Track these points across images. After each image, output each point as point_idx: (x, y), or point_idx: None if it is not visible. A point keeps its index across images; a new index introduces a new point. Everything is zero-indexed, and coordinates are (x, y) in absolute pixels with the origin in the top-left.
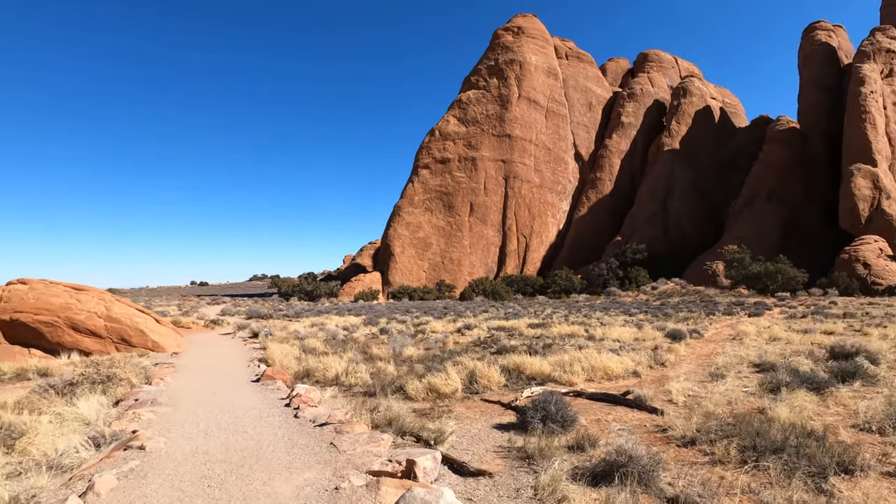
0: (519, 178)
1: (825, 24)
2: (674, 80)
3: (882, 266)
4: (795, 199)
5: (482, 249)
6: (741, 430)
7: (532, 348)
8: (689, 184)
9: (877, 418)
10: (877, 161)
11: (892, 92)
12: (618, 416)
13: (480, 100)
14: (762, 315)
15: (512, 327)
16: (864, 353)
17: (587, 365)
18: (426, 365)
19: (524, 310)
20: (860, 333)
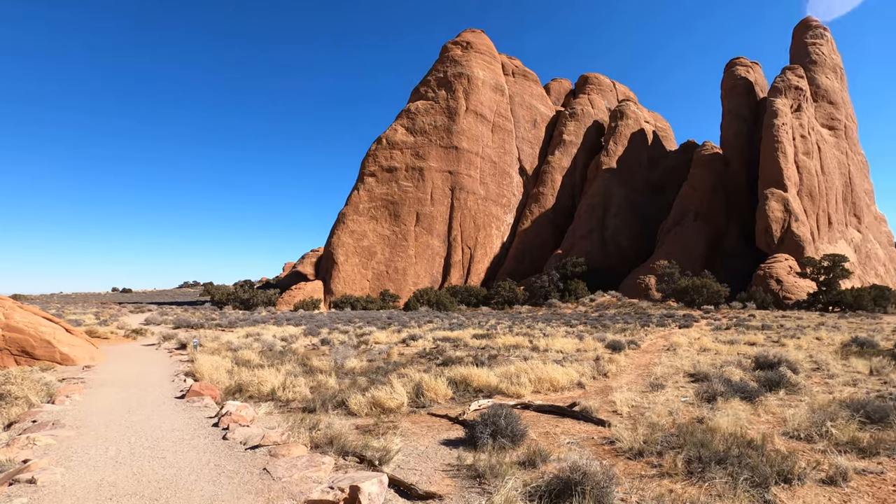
0: (465, 190)
1: (744, 61)
2: (612, 102)
3: (791, 282)
4: (718, 220)
5: (427, 259)
6: (686, 441)
7: (478, 359)
8: (624, 201)
9: (804, 426)
10: (787, 187)
11: (799, 125)
12: (566, 429)
13: (429, 111)
14: (691, 327)
15: (457, 338)
16: (785, 362)
17: (534, 376)
18: (370, 378)
19: (469, 320)
20: (778, 344)
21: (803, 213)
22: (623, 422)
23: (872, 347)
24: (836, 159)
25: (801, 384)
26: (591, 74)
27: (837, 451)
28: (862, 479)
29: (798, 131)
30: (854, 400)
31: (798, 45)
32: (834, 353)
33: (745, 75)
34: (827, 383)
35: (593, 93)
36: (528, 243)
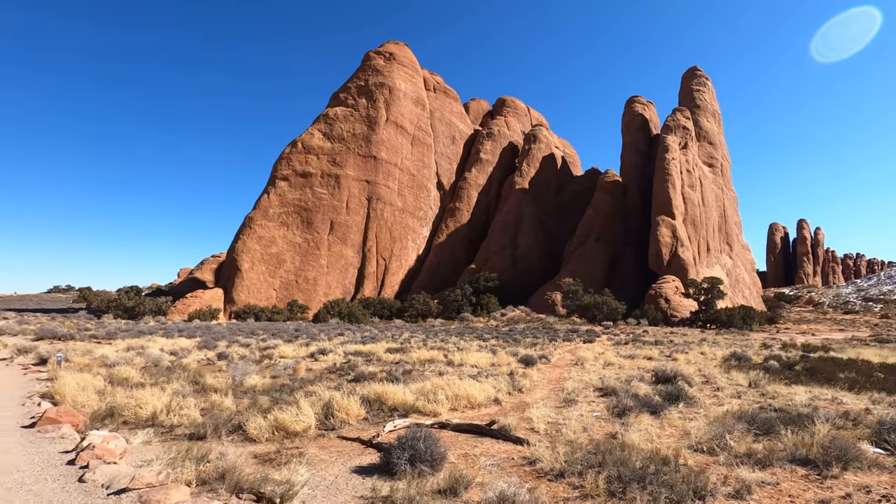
0: (382, 201)
1: (641, 99)
2: (526, 126)
3: (678, 301)
4: (617, 242)
5: (340, 270)
6: (605, 460)
7: (392, 375)
8: (535, 221)
9: (705, 439)
10: (676, 215)
11: (686, 161)
12: (485, 449)
13: (348, 118)
14: (594, 341)
15: (370, 352)
16: (680, 376)
17: (450, 393)
18: (273, 397)
19: (382, 333)
20: (671, 359)
21: (688, 239)
22: (541, 440)
23: (747, 361)
24: (714, 193)
25: (697, 397)
26: (508, 98)
27: (738, 463)
28: (762, 490)
29: (685, 166)
30: (744, 412)
31: (685, 90)
32: (717, 366)
33: (641, 112)
34: (717, 396)
35: (509, 115)
36: (443, 257)
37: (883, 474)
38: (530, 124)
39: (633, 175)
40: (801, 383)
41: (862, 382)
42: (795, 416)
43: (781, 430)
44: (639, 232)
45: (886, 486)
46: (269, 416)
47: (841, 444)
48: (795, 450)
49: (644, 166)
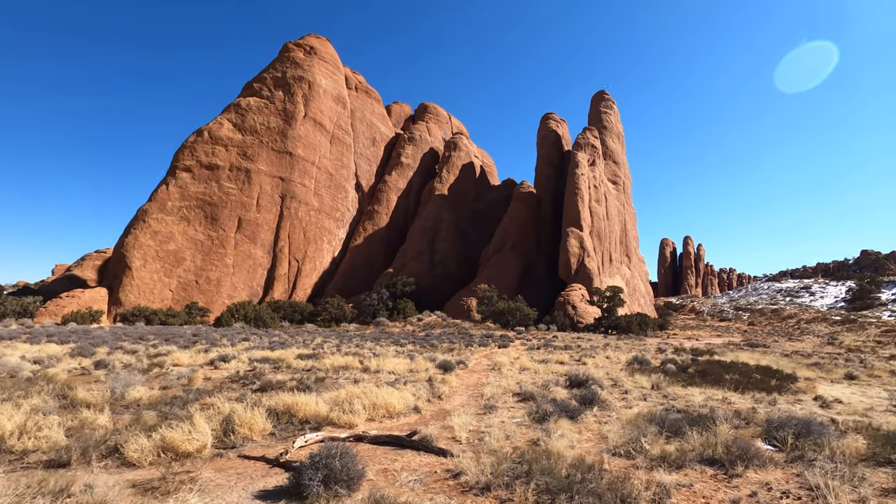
0: (297, 199)
1: (555, 116)
2: (447, 133)
3: (583, 308)
4: (530, 250)
5: (248, 270)
6: (531, 469)
7: (304, 384)
8: (453, 227)
9: (621, 443)
10: (584, 227)
11: (594, 176)
12: (406, 463)
13: (263, 110)
14: (508, 346)
15: (279, 358)
16: (592, 380)
17: (368, 402)
18: (161, 411)
19: (292, 339)
20: (580, 363)
21: (593, 250)
22: (465, 450)
23: (647, 365)
24: (617, 208)
25: (608, 400)
26: (431, 104)
27: (654, 466)
28: (679, 493)
29: (592, 182)
30: (652, 414)
31: (594, 111)
32: (622, 370)
33: (555, 129)
34: (625, 398)
35: (431, 121)
36: (360, 260)
37: (777, 470)
38: (451, 132)
39: (547, 187)
40: (695, 385)
41: (744, 383)
42: (696, 416)
43: (687, 431)
44: (550, 241)
45: (783, 482)
46: (155, 435)
47: (742, 444)
48: (703, 450)
49: (556, 179)
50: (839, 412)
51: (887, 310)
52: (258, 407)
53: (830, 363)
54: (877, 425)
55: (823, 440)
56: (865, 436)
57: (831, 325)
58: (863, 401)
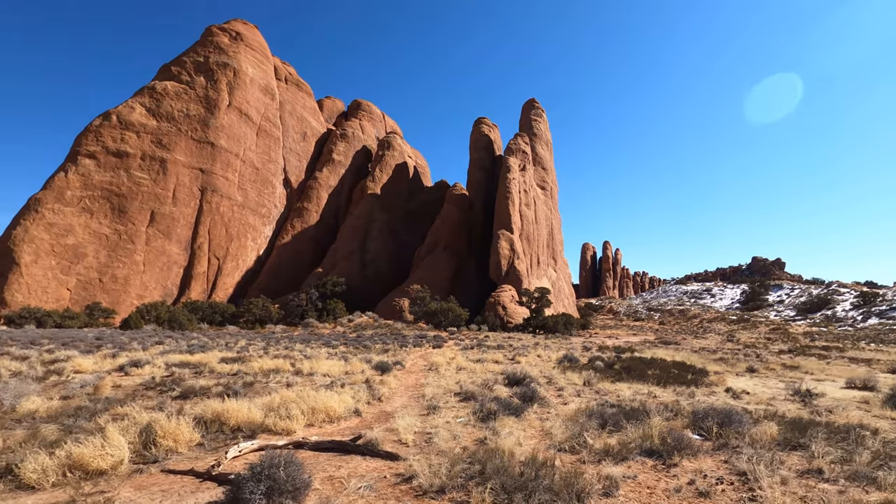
0: (219, 193)
1: (487, 121)
2: (381, 132)
3: (513, 309)
4: (462, 251)
5: (161, 268)
6: (485, 469)
7: (231, 389)
8: (385, 227)
9: (565, 438)
10: (514, 229)
11: (524, 181)
12: (353, 469)
13: (182, 95)
14: (443, 346)
15: (200, 363)
16: (529, 378)
17: (306, 406)
18: (64, 424)
19: (213, 341)
20: (514, 362)
21: (523, 252)
22: (413, 453)
23: (576, 362)
24: (545, 213)
25: (546, 397)
26: (364, 101)
27: (599, 460)
28: (626, 485)
29: (523, 186)
30: (590, 410)
31: (525, 118)
32: (554, 368)
33: (487, 133)
34: (561, 395)
35: (364, 119)
36: (287, 259)
37: (708, 458)
38: (385, 131)
39: (478, 190)
40: (622, 381)
41: (665, 378)
42: (629, 410)
43: (625, 425)
44: (481, 243)
45: (716, 469)
46: (60, 452)
47: (676, 435)
48: (642, 443)
49: (487, 183)
50: (748, 402)
51: (773, 310)
52: (182, 415)
53: (733, 358)
54: (781, 413)
55: (743, 428)
56: (776, 423)
57: (729, 324)
58: (765, 391)
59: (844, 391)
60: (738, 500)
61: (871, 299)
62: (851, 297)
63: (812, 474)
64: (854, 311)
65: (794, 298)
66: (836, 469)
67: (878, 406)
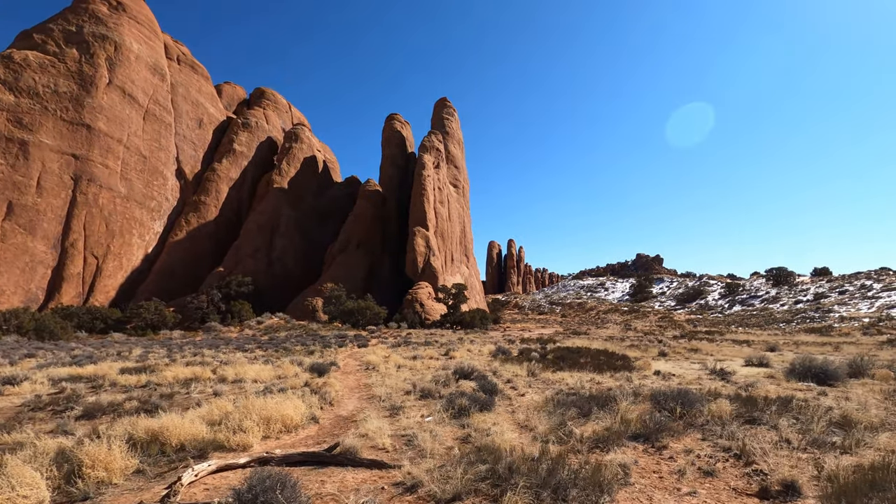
0: (97, 183)
1: (400, 118)
2: (287, 123)
3: (430, 305)
4: (376, 249)
5: (22, 269)
6: (496, 470)
7: (148, 403)
8: (294, 223)
9: (547, 429)
10: (429, 226)
11: (438, 179)
12: (341, 483)
13: (48, 69)
14: (368, 346)
15: (94, 375)
16: (476, 371)
17: (256, 417)
18: None
19: (100, 351)
20: (449, 357)
21: (438, 249)
22: (398, 458)
23: (509, 355)
24: (458, 211)
25: (503, 389)
26: (269, 90)
27: (594, 449)
28: (634, 471)
29: (437, 183)
30: (556, 399)
31: (437, 117)
32: (491, 361)
33: (399, 130)
34: (513, 387)
35: (269, 108)
36: (182, 258)
37: (686, 438)
38: (291, 123)
39: (391, 187)
40: (562, 370)
41: (597, 365)
42: (590, 397)
43: (596, 412)
44: (395, 241)
45: (702, 448)
46: None
47: (655, 418)
48: (625, 428)
49: (401, 180)
50: (679, 382)
51: (657, 301)
52: (110, 438)
53: (642, 345)
54: (714, 390)
55: (700, 407)
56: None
57: (622, 315)
58: (688, 372)
59: (748, 368)
60: (744, 476)
61: (735, 289)
62: (719, 287)
63: (784, 444)
64: (722, 300)
65: (673, 290)
66: (801, 438)
67: (784, 380)
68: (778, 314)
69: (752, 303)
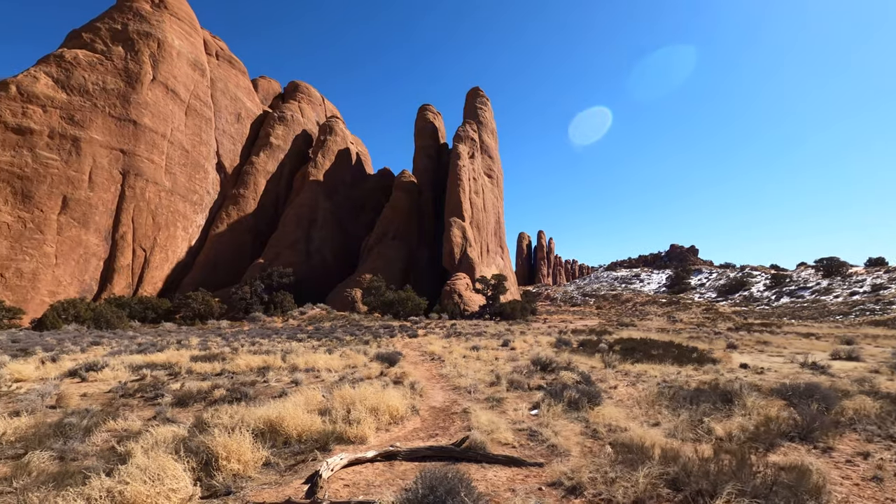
0: (143, 177)
1: (432, 108)
2: (320, 117)
3: (469, 296)
4: (412, 240)
5: (77, 261)
6: (669, 473)
7: (238, 391)
8: (330, 215)
9: (675, 425)
10: (465, 217)
11: (473, 169)
12: (489, 482)
13: (97, 67)
14: (417, 336)
15: (167, 362)
16: (554, 363)
17: (362, 408)
18: (55, 449)
19: (162, 339)
20: (509, 348)
21: (474, 240)
22: (532, 455)
23: (569, 346)
24: (492, 201)
25: (594, 382)
26: (302, 83)
27: (757, 449)
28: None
29: (472, 174)
30: (670, 393)
31: (470, 107)
32: (556, 352)
33: (432, 120)
34: (601, 379)
35: (303, 102)
36: (223, 250)
37: (844, 436)
38: (325, 116)
39: (425, 178)
40: (640, 361)
41: (673, 358)
42: (696, 391)
43: (720, 406)
44: (431, 231)
45: (873, 448)
46: (91, 492)
47: (809, 414)
48: (771, 426)
49: (434, 171)
50: (776, 377)
51: (696, 292)
52: (240, 428)
53: (702, 337)
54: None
55: (835, 403)
56: (865, 397)
57: (661, 306)
58: (779, 366)
59: (839, 363)
60: None
61: (781, 281)
62: (763, 279)
63: None
64: (767, 292)
65: (713, 281)
66: None
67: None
68: (832, 306)
69: (801, 294)
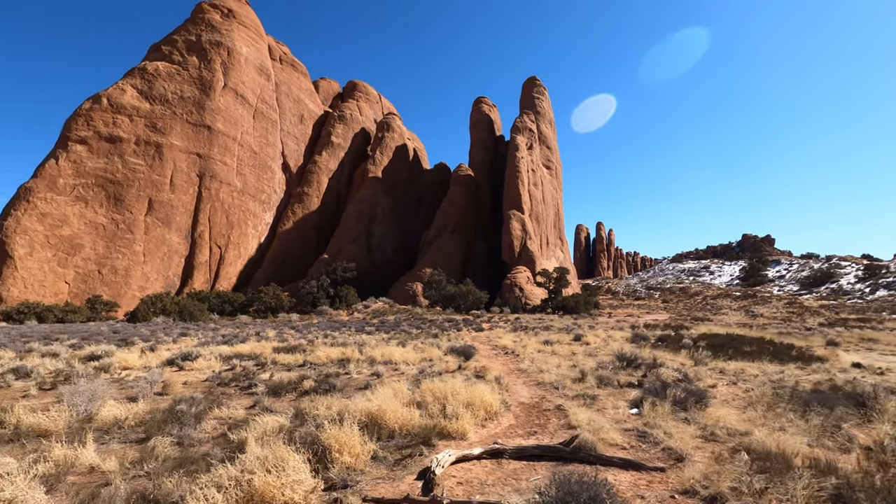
0: (217, 179)
1: (487, 101)
2: (378, 114)
3: (530, 290)
4: (471, 233)
5: (162, 258)
6: (832, 486)
7: (326, 382)
8: (389, 211)
9: (809, 427)
10: (525, 210)
11: (531, 160)
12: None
13: (174, 77)
14: (483, 330)
15: (252, 353)
16: (640, 359)
17: (455, 402)
18: (173, 435)
19: (242, 331)
20: (582, 343)
21: (534, 232)
22: (650, 458)
23: (647, 341)
24: (551, 193)
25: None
26: (360, 82)
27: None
28: None
29: (530, 165)
30: (784, 393)
31: (526, 97)
32: (635, 347)
33: (488, 113)
34: (697, 377)
35: (361, 100)
36: (290, 246)
37: None
38: (382, 113)
39: (482, 171)
40: (732, 359)
41: (770, 355)
42: (812, 392)
43: (854, 412)
44: (488, 225)
45: None
46: (221, 480)
47: None
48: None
49: (490, 164)
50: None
51: (775, 285)
52: (346, 421)
53: (794, 333)
54: None
55: None
56: None
57: (736, 300)
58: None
59: None
60: None
61: (877, 271)
62: (854, 270)
63: None
64: (860, 284)
65: (794, 273)
66: None
67: None
68: None
69: None
